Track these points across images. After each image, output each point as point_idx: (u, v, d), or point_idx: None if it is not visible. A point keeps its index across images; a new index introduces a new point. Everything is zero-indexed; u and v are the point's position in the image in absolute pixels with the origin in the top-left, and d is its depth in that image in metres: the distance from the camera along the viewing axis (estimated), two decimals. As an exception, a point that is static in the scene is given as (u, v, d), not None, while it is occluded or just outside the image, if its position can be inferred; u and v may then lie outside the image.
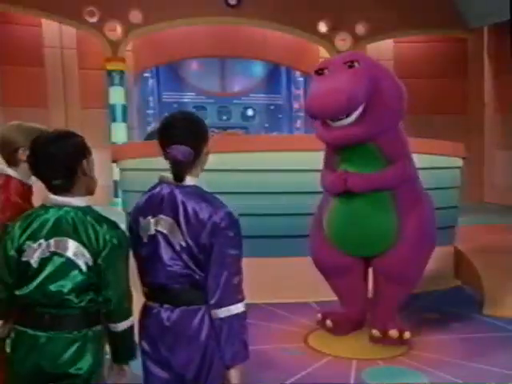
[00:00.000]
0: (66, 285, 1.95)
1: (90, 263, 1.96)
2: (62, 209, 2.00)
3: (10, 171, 2.67)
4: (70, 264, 1.96)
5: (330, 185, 3.89)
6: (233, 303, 2.00)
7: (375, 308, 4.15)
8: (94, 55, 12.37)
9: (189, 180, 2.08)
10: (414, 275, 4.06)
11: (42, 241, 1.97)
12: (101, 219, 2.03)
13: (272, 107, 16.64)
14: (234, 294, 2.01)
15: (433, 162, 5.13)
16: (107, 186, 11.71)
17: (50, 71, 12.38)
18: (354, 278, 4.17)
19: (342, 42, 13.10)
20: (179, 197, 2.04)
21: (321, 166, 4.10)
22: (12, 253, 2.00)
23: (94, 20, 11.87)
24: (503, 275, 5.26)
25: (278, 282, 4.65)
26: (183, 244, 2.01)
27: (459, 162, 5.80)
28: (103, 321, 2.06)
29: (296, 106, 16.53)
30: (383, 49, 13.20)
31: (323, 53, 13.45)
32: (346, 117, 3.57)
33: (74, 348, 1.97)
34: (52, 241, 1.97)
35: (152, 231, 2.05)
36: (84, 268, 1.96)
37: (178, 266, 2.02)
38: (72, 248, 1.96)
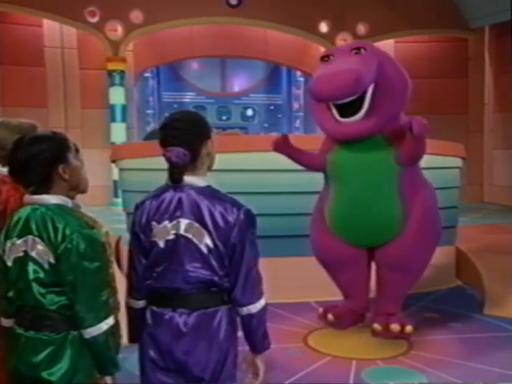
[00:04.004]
0: (33, 285, 1.90)
1: (52, 261, 1.90)
2: (32, 207, 1.95)
3: (5, 170, 2.65)
4: (36, 263, 1.91)
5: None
6: (261, 297, 2.06)
7: (379, 301, 4.10)
8: (94, 55, 12.36)
9: (200, 181, 2.04)
10: (420, 264, 4.00)
11: (14, 239, 1.94)
12: (64, 216, 1.92)
13: (272, 107, 16.66)
14: (260, 289, 2.08)
15: (433, 162, 5.12)
16: (107, 186, 11.71)
17: (51, 71, 12.36)
18: (357, 270, 4.10)
19: (343, 42, 13.08)
20: (200, 199, 2.00)
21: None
22: None
23: (94, 20, 11.87)
24: (504, 275, 5.26)
25: (278, 282, 4.64)
26: (211, 246, 1.98)
27: (459, 162, 5.80)
28: None
29: (296, 106, 16.55)
30: (384, 49, 13.19)
31: (324, 53, 13.43)
32: (356, 111, 3.58)
33: (48, 350, 1.90)
34: (22, 239, 1.93)
35: (171, 235, 2.00)
36: (46, 266, 1.90)
37: (201, 270, 1.98)
38: (37, 246, 1.90)
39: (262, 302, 2.06)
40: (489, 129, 13.60)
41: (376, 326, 3.96)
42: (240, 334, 2.10)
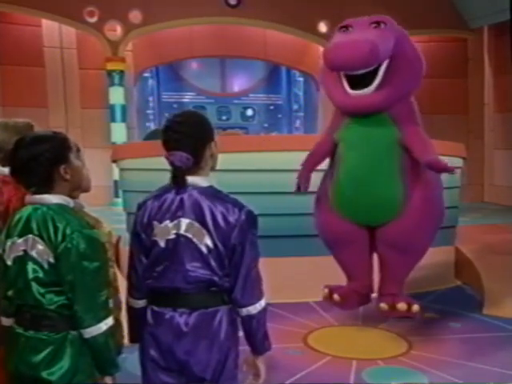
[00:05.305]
0: (33, 285, 1.90)
1: (52, 260, 1.89)
2: (33, 206, 1.95)
3: (7, 171, 2.64)
4: (35, 262, 1.90)
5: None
6: (261, 298, 2.06)
7: (382, 283, 4.08)
8: (93, 55, 12.34)
9: (202, 181, 2.04)
10: (421, 244, 3.99)
11: (15, 239, 1.94)
12: (65, 216, 1.92)
13: (272, 107, 16.65)
14: (260, 289, 2.07)
15: (433, 162, 5.12)
16: (108, 186, 11.70)
17: (50, 71, 12.34)
18: (359, 249, 4.08)
19: (342, 41, 13.08)
20: (201, 199, 2.00)
21: (320, 166, 4.10)
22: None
23: (93, 20, 11.84)
24: (503, 275, 5.27)
25: (278, 282, 4.64)
26: (211, 246, 1.98)
27: (460, 162, 5.80)
28: None
29: (296, 106, 16.55)
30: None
31: (323, 53, 13.42)
32: (367, 85, 3.60)
33: (48, 350, 1.89)
34: (23, 239, 1.93)
35: (171, 235, 2.00)
36: (46, 266, 1.90)
37: (200, 270, 1.98)
38: (37, 245, 1.90)
39: (261, 303, 2.06)
40: (489, 129, 13.60)
41: (383, 305, 3.92)
42: (241, 334, 2.10)
